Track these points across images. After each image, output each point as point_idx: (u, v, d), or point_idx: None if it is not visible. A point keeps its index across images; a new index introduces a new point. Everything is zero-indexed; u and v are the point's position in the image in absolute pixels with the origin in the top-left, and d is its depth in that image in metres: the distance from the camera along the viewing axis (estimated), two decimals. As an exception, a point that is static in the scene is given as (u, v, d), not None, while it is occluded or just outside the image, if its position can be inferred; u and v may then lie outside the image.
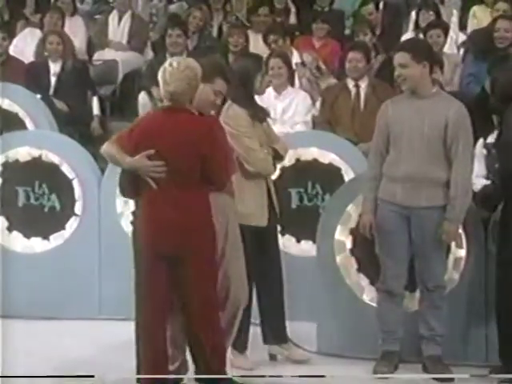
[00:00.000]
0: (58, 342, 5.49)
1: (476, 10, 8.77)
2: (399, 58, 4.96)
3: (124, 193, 4.64)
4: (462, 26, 8.88)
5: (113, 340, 5.43)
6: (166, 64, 4.46)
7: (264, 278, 5.10)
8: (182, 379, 4.60)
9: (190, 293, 4.42)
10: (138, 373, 4.49)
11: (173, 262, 4.41)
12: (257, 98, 5.10)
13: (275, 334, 5.14)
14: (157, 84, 7.27)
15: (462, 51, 8.15)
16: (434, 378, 4.90)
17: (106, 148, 4.59)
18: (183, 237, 4.40)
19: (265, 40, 7.85)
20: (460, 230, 5.13)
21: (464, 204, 4.91)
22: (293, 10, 9.34)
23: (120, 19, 8.99)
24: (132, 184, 4.49)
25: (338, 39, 8.35)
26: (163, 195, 4.39)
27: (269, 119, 5.12)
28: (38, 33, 8.44)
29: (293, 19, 9.31)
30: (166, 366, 4.47)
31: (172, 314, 4.48)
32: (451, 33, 8.07)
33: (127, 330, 5.05)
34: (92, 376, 4.28)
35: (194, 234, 4.40)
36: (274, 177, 5.27)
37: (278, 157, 5.05)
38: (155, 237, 4.42)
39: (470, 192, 4.97)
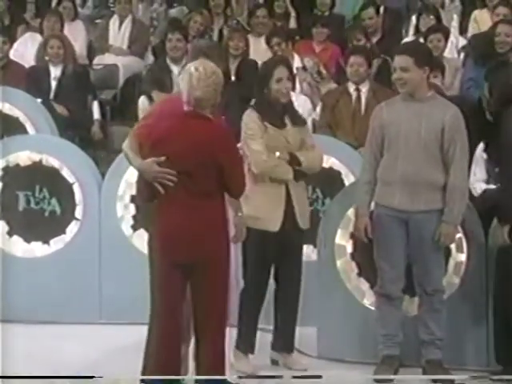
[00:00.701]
0: (59, 347, 5.48)
1: (477, 14, 8.77)
2: (401, 61, 4.93)
3: (139, 196, 4.59)
4: (463, 30, 8.89)
5: (113, 344, 5.42)
6: (192, 69, 4.38)
7: (280, 286, 5.09)
8: None
9: (202, 300, 4.40)
10: (144, 375, 4.49)
11: (187, 270, 4.39)
12: None
13: (284, 342, 5.13)
14: (157, 88, 7.31)
15: (462, 55, 8.15)
16: (432, 381, 4.91)
17: (124, 144, 4.54)
18: (198, 245, 4.36)
19: (267, 43, 7.84)
20: (460, 235, 5.14)
21: (461, 206, 4.91)
22: (293, 14, 9.34)
23: (121, 24, 8.99)
24: (148, 188, 4.44)
25: (338, 43, 8.34)
26: (178, 203, 4.36)
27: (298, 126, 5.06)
28: (38, 37, 8.43)
29: (292, 23, 9.30)
30: (179, 371, 4.44)
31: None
32: (451, 37, 8.07)
33: (128, 335, 5.07)
34: (92, 377, 4.27)
35: (208, 243, 4.37)
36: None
37: (294, 163, 4.97)
38: (170, 245, 4.38)
39: (467, 195, 4.98)
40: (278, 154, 4.96)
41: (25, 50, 8.34)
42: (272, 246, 4.99)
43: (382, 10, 9.06)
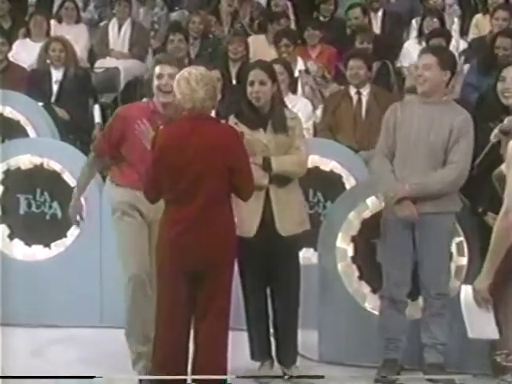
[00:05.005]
0: (59, 350, 5.48)
1: (478, 19, 8.78)
2: (425, 58, 4.96)
3: (147, 194, 4.59)
4: (463, 34, 8.90)
5: (114, 348, 5.41)
6: (185, 74, 4.38)
7: (274, 294, 5.01)
8: None
9: (205, 302, 4.40)
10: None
11: (196, 275, 4.38)
12: None
13: (284, 356, 5.05)
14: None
15: (462, 59, 8.16)
16: (433, 382, 4.91)
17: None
18: (208, 252, 4.35)
19: (275, 43, 7.82)
20: (462, 238, 5.15)
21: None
22: (292, 17, 9.34)
23: (120, 27, 9.02)
24: (156, 188, 4.44)
25: (335, 46, 8.33)
26: (188, 208, 4.33)
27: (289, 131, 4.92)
28: (28, 42, 8.49)
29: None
30: (185, 373, 4.43)
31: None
32: (453, 41, 8.08)
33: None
34: (92, 377, 4.27)
35: (219, 249, 4.36)
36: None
37: (266, 167, 4.83)
38: (180, 252, 4.35)
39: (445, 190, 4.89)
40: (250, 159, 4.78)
41: (19, 57, 8.29)
42: (253, 253, 4.86)
43: (380, 12, 9.10)
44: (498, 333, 3.81)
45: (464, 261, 5.18)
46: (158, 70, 4.86)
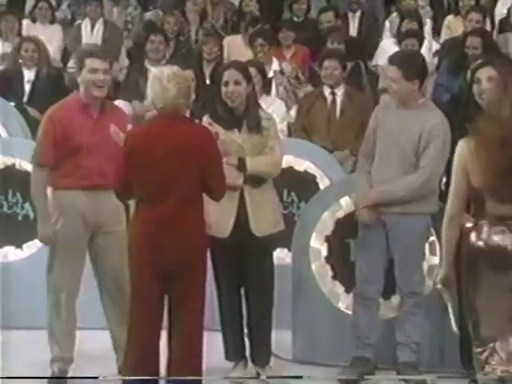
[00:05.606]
0: (34, 352, 5.44)
1: (450, 20, 8.86)
2: (390, 71, 4.96)
3: (118, 194, 4.57)
4: (435, 34, 8.97)
5: (84, 349, 5.38)
6: (157, 73, 4.37)
7: (248, 295, 5.02)
8: None
9: (180, 305, 4.39)
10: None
11: (167, 276, 4.37)
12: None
13: (257, 354, 5.06)
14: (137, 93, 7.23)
15: (435, 59, 8.22)
16: (404, 381, 4.93)
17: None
18: (181, 252, 4.34)
19: (250, 43, 7.82)
20: (434, 238, 5.17)
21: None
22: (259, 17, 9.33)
23: (93, 27, 9.00)
24: (127, 189, 4.43)
25: (309, 46, 8.35)
26: (160, 209, 4.31)
27: (265, 131, 4.91)
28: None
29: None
30: (157, 373, 4.43)
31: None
32: (426, 42, 8.13)
33: (104, 340, 5.05)
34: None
35: (191, 249, 4.35)
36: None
37: (241, 168, 4.84)
38: (152, 253, 4.34)
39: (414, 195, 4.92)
40: (224, 160, 4.73)
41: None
42: (227, 253, 4.87)
43: (358, 13, 9.14)
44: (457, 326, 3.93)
45: (436, 260, 5.20)
46: (89, 63, 4.78)
